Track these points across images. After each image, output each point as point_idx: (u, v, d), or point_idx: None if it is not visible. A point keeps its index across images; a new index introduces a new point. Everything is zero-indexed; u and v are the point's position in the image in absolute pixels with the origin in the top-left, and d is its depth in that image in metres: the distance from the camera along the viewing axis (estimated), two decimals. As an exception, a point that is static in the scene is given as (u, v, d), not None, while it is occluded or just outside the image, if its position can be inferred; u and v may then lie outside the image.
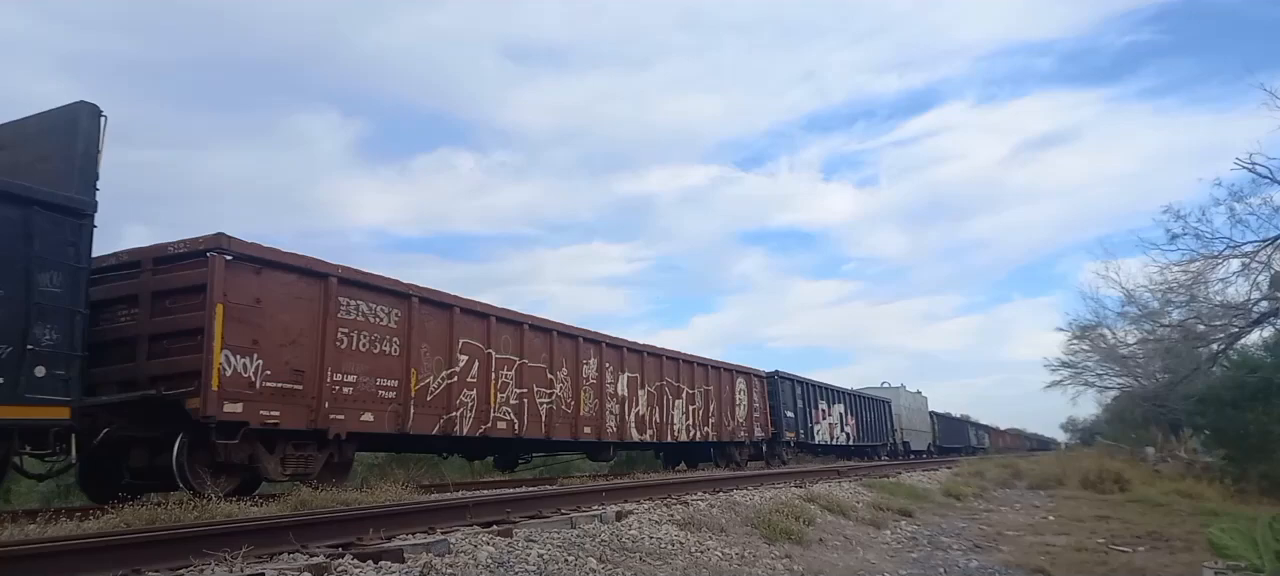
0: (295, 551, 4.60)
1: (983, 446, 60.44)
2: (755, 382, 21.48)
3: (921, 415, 42.01)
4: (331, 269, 9.14)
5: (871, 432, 30.66)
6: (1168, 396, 28.20)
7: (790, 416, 22.67)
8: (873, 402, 32.05)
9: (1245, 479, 18.04)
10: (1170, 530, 10.33)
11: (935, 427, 45.05)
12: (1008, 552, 8.53)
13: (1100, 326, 33.85)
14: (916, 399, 42.13)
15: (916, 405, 41.46)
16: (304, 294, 8.84)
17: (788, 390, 22.97)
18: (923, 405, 43.04)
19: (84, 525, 6.17)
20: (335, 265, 9.26)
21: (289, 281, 8.71)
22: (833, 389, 27.45)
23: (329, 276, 9.09)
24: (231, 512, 6.34)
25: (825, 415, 25.70)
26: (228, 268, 8.00)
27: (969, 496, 14.93)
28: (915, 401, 41.48)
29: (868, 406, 30.98)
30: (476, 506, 6.62)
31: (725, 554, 6.38)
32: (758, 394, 21.47)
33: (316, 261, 9.09)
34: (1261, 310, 19.27)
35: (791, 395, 23.23)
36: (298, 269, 8.83)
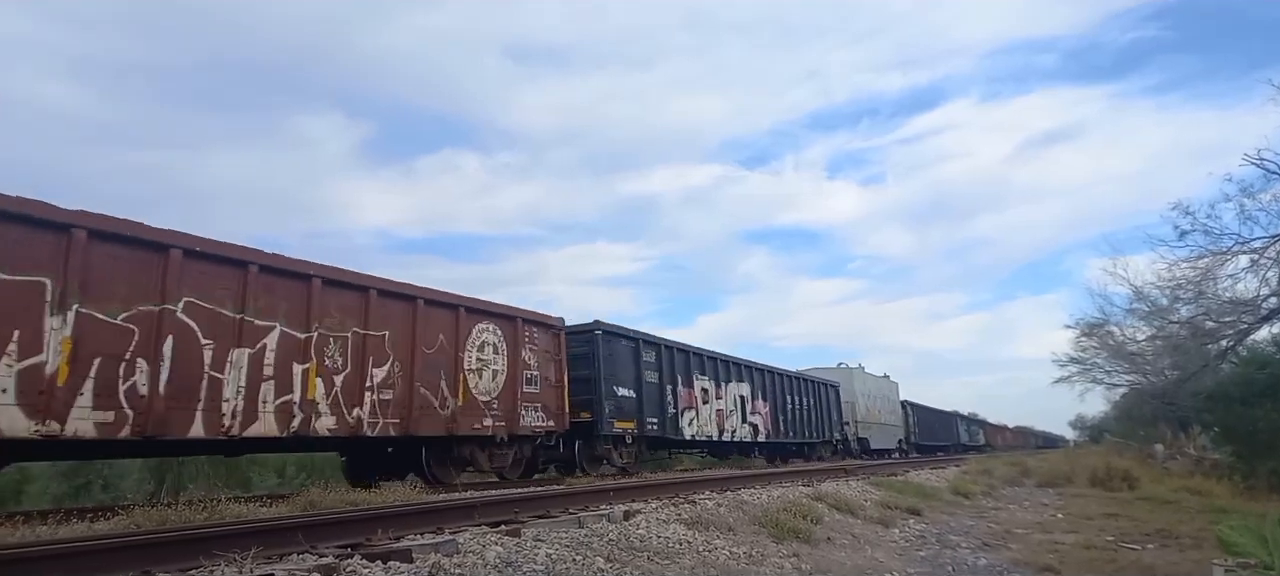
0: (304, 552, 4.62)
1: (976, 443, 56.01)
2: (532, 336, 13.10)
3: (888, 405, 35.33)
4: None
5: (803, 425, 24.03)
6: (1176, 393, 28.06)
7: (627, 397, 15.20)
8: (808, 385, 24.98)
9: (1255, 476, 17.93)
10: (1179, 527, 10.29)
11: (910, 421, 38.93)
12: (1016, 551, 8.51)
13: (1108, 323, 33.74)
14: (881, 384, 35.11)
15: (880, 392, 34.40)
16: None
17: (621, 354, 15.21)
18: (890, 392, 36.25)
19: (95, 526, 6.21)
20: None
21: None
22: (727, 361, 19.58)
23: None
24: (241, 513, 6.37)
25: (707, 398, 18.37)
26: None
27: (977, 494, 14.90)
28: (879, 387, 34.47)
29: (798, 389, 24.02)
30: (484, 506, 6.65)
31: (733, 553, 6.38)
32: (537, 355, 13.18)
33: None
34: (1271, 306, 19.17)
35: (632, 363, 15.48)
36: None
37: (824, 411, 26.17)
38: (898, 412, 36.92)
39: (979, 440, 58.51)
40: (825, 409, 26.36)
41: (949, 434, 48.19)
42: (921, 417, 41.55)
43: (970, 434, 56.28)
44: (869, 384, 33.07)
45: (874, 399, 33.22)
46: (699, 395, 18.10)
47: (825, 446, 25.98)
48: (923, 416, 42.03)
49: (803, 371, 25.23)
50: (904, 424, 37.76)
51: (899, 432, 36.33)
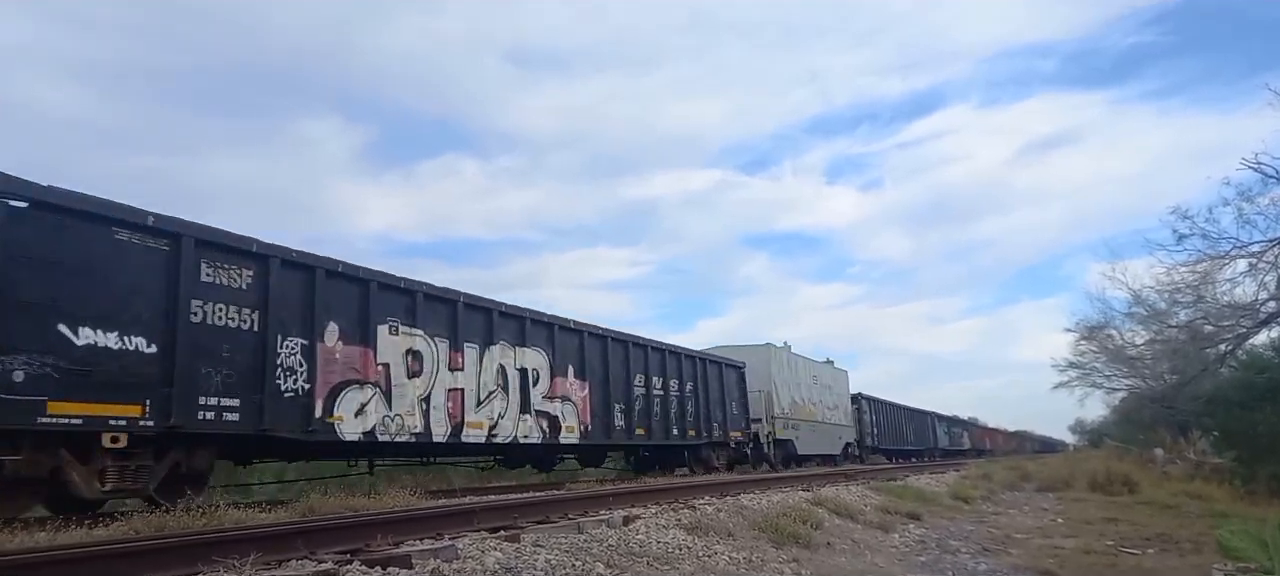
0: (304, 558, 4.61)
1: (959, 448, 50.35)
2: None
3: (829, 398, 27.91)
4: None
5: (670, 419, 16.57)
6: (1176, 397, 28.10)
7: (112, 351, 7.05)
8: (682, 364, 17.37)
9: (1255, 480, 17.93)
10: (1179, 532, 10.29)
11: (867, 420, 32.31)
12: (1016, 555, 8.50)
13: (1107, 327, 33.80)
14: (819, 372, 27.65)
15: (815, 380, 26.83)
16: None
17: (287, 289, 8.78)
18: (833, 382, 28.93)
19: (93, 532, 6.19)
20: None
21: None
22: (490, 310, 12.19)
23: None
24: (240, 519, 6.36)
25: (424, 368, 10.83)
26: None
27: (977, 499, 14.91)
28: (814, 375, 26.97)
29: (661, 368, 16.45)
30: (484, 511, 6.64)
31: (733, 558, 6.38)
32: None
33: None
34: (1269, 310, 19.19)
35: (305, 317, 9.06)
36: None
37: (712, 402, 18.36)
38: (844, 409, 29.48)
39: (962, 444, 52.66)
40: (715, 399, 18.58)
41: (923, 437, 41.76)
42: (884, 416, 34.82)
43: (952, 437, 50.04)
44: (798, 369, 25.37)
45: (805, 389, 25.37)
46: (394, 361, 10.26)
47: (716, 450, 18.66)
48: (885, 415, 35.04)
49: (674, 344, 17.50)
50: (857, 423, 30.94)
51: (847, 433, 29.27)
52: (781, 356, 24.34)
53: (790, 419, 23.66)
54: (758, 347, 23.15)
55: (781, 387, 23.34)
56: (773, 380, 22.77)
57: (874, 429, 33.22)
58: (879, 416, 34.35)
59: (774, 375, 22.99)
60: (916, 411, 42.00)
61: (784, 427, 23.01)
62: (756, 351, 22.80)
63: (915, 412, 41.65)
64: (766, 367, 22.77)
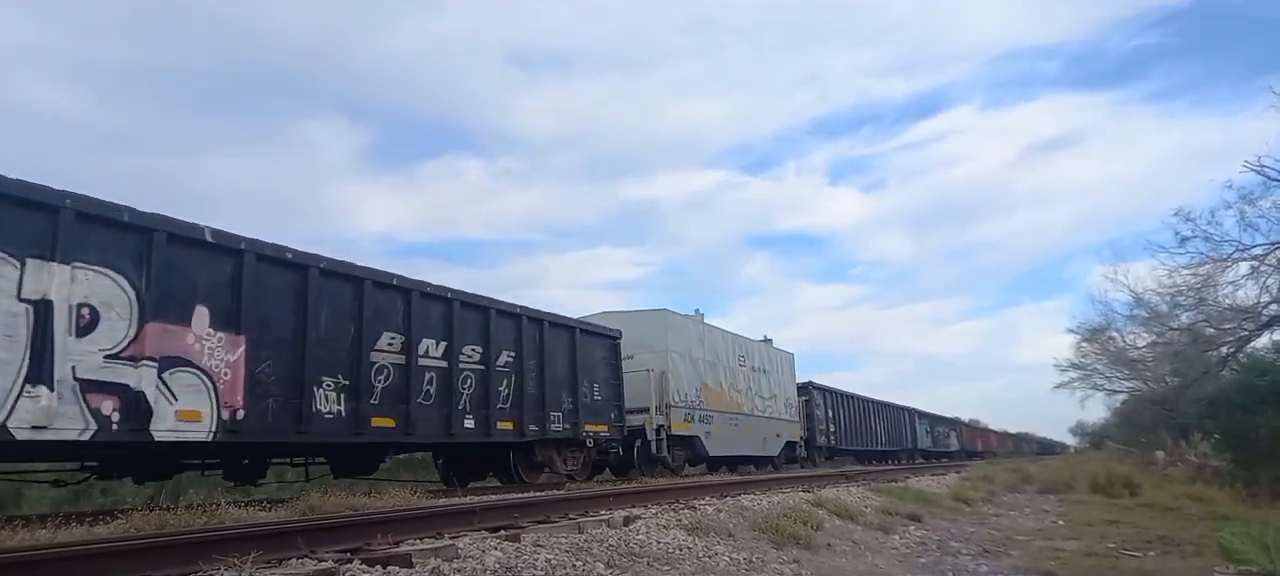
0: (304, 556, 4.60)
1: (945, 450, 45.88)
2: None
3: (766, 386, 22.56)
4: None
5: (454, 408, 11.48)
6: (1177, 400, 28.08)
7: None
8: (506, 326, 12.80)
9: (1256, 483, 17.91)
10: (1181, 534, 10.27)
11: (821, 415, 27.18)
12: (1017, 557, 8.49)
13: (1109, 329, 33.78)
14: (754, 351, 22.41)
15: (747, 362, 21.70)
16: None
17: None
18: (775, 367, 23.63)
19: (94, 530, 6.20)
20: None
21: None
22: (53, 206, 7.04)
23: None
24: (241, 517, 6.36)
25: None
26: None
27: (978, 501, 14.88)
28: (747, 354, 21.84)
29: (457, 330, 11.71)
30: (484, 511, 6.63)
31: (733, 559, 6.37)
32: None
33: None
34: (1271, 313, 19.18)
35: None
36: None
37: (553, 382, 13.48)
38: (786, 399, 24.10)
39: (948, 445, 47.58)
40: (559, 378, 13.76)
41: (898, 436, 36.97)
42: (845, 412, 29.82)
43: (936, 437, 44.88)
44: (714, 346, 19.81)
45: (724, 372, 20.03)
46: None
47: (562, 450, 14.01)
48: (846, 410, 30.08)
49: (475, 295, 12.27)
50: (806, 418, 25.96)
51: (790, 430, 23.96)
52: (685, 327, 18.67)
53: (697, 409, 18.13)
54: (648, 314, 18.13)
55: (684, 367, 18.02)
56: (669, 357, 17.36)
57: (830, 426, 28.03)
58: (837, 411, 29.04)
59: (672, 350, 17.52)
60: (888, 407, 36.44)
61: (687, 420, 17.53)
62: (646, 319, 17.86)
63: (887, 408, 36.12)
64: (660, 339, 17.42)
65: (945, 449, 46.30)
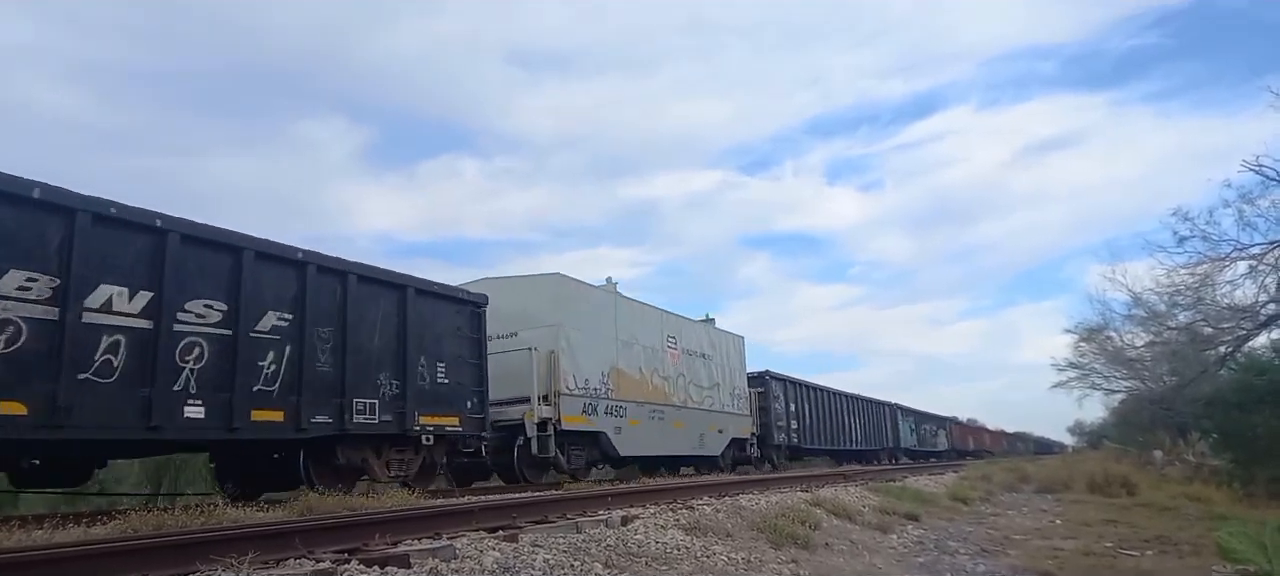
0: (301, 557, 4.60)
1: (933, 449, 43.51)
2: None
3: (705, 373, 19.18)
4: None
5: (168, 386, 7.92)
6: (1175, 399, 28.09)
7: None
8: (276, 275, 9.25)
9: (1253, 483, 17.93)
10: (1178, 534, 10.28)
11: (779, 408, 23.73)
12: (1015, 557, 8.50)
13: (1107, 329, 33.81)
14: (689, 332, 19.00)
15: (679, 344, 18.33)
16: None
17: None
18: (718, 351, 20.20)
19: (91, 531, 6.19)
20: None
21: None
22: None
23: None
24: (238, 518, 6.35)
25: None
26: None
27: (976, 500, 14.90)
28: (679, 334, 18.46)
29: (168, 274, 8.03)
30: (482, 511, 6.63)
31: (731, 559, 6.37)
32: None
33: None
34: (1269, 313, 19.19)
35: None
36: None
37: (364, 358, 10.32)
38: (734, 390, 20.62)
39: (936, 444, 44.96)
40: (378, 351, 10.59)
41: (877, 434, 33.76)
42: (811, 405, 26.61)
43: (922, 436, 42.04)
44: (631, 322, 16.42)
45: (646, 354, 16.64)
46: None
47: (390, 452, 10.83)
48: (813, 404, 26.83)
49: (224, 231, 8.80)
50: (761, 412, 22.61)
51: (737, 425, 20.48)
52: (586, 298, 15.23)
53: (603, 398, 14.78)
54: (537, 279, 14.83)
55: (584, 347, 14.50)
56: (563, 333, 13.88)
57: (793, 421, 24.62)
58: (801, 405, 25.69)
59: (567, 325, 14.07)
60: (865, 401, 33.15)
61: (586, 412, 14.22)
62: (534, 285, 14.56)
63: (865, 403, 32.91)
64: (551, 310, 14.07)
65: (933, 448, 43.64)
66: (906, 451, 38.04)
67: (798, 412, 25.41)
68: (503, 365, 13.16)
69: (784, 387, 24.68)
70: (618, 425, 15.20)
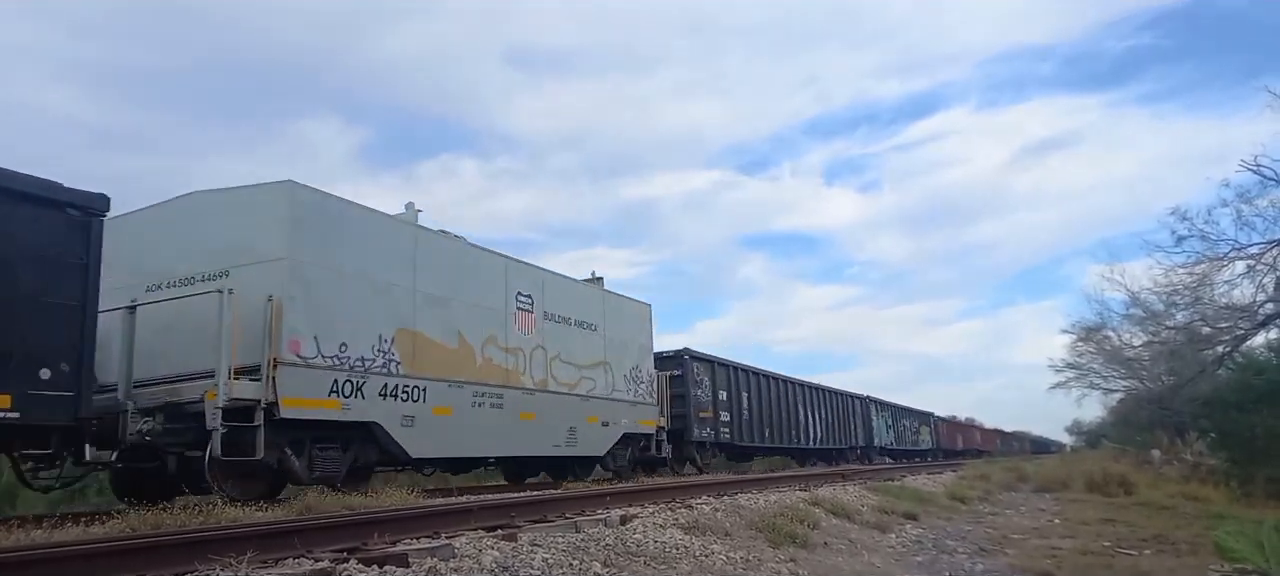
0: (300, 556, 4.60)
1: (916, 449, 40.01)
2: None
3: (583, 347, 14.73)
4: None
5: None
6: (1173, 399, 28.16)
7: None
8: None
9: (1251, 482, 17.98)
10: (1176, 533, 10.30)
11: (702, 396, 19.26)
12: (1013, 556, 8.51)
13: (1105, 329, 33.88)
14: (557, 288, 14.28)
15: (539, 304, 13.58)
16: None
17: None
18: (607, 319, 15.58)
19: (90, 530, 6.19)
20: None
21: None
22: None
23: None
24: (237, 517, 6.35)
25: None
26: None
27: (974, 499, 14.92)
28: (540, 292, 13.73)
29: None
30: (481, 510, 6.63)
31: (730, 558, 6.38)
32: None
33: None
34: (1267, 312, 19.23)
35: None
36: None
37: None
38: (631, 372, 16.03)
39: (919, 443, 41.22)
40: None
41: (843, 430, 29.42)
42: (752, 396, 21.96)
43: (900, 433, 37.71)
44: (441, 266, 11.80)
45: (464, 316, 11.94)
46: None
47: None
48: (755, 394, 22.18)
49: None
50: (674, 402, 17.90)
51: (635, 418, 15.96)
52: (350, 222, 10.37)
53: (380, 374, 10.31)
54: (259, 190, 9.81)
55: (343, 295, 10.01)
56: (297, 272, 9.43)
57: (724, 414, 20.06)
58: (738, 394, 21.02)
59: (307, 261, 9.61)
60: (831, 393, 28.82)
61: (343, 394, 9.74)
62: (253, 200, 9.79)
63: (828, 394, 28.43)
64: (278, 237, 9.44)
65: (914, 447, 39.82)
66: (883, 450, 34.13)
67: (733, 403, 20.74)
68: (185, 320, 9.06)
69: (712, 372, 20.03)
70: (408, 413, 10.58)
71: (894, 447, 36.25)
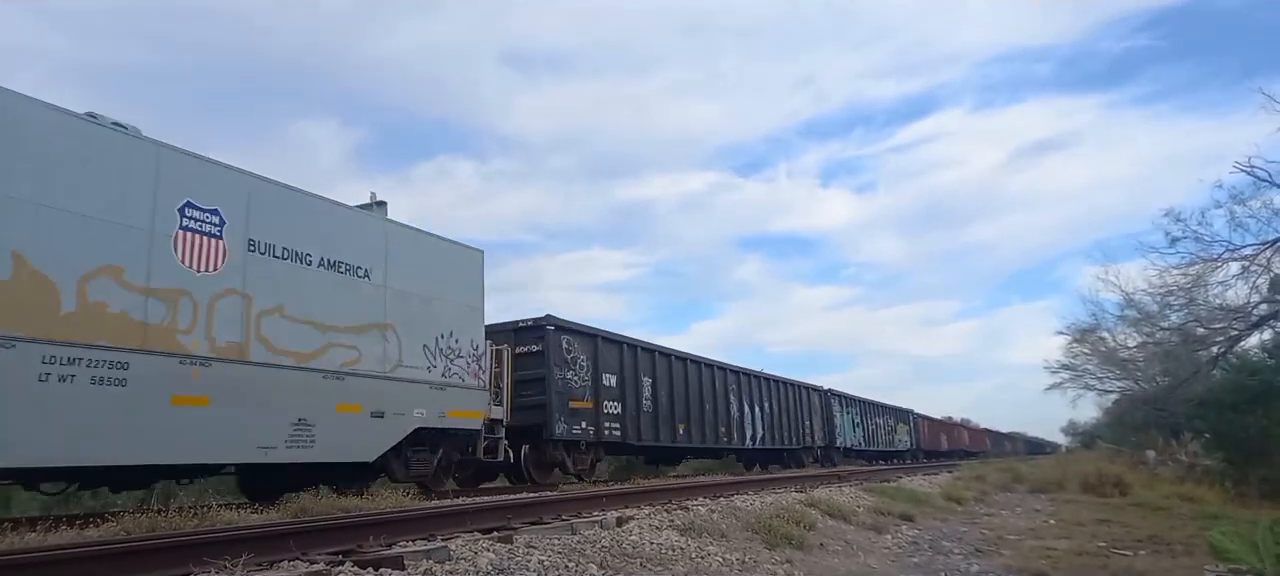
0: (295, 559, 4.59)
1: (891, 450, 35.54)
2: None
3: (341, 305, 9.87)
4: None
5: None
6: (1168, 399, 28.19)
7: None
8: None
9: (1245, 482, 18.02)
10: (1171, 534, 10.32)
11: (580, 380, 14.94)
12: (1009, 557, 8.52)
13: (1099, 329, 33.94)
14: (259, 206, 8.98)
15: (215, 221, 8.47)
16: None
17: None
18: (396, 262, 10.79)
19: (85, 532, 6.17)
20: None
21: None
22: None
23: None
24: (231, 520, 6.34)
25: None
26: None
27: (970, 500, 14.94)
28: (216, 198, 8.51)
29: None
30: (477, 513, 6.62)
31: (726, 559, 6.38)
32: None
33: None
34: (1261, 313, 19.27)
35: None
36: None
37: None
38: (438, 342, 11.45)
39: (896, 444, 36.86)
40: None
41: (792, 428, 24.65)
42: (663, 383, 17.77)
43: (870, 432, 32.75)
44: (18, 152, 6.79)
45: (53, 239, 7.08)
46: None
47: None
48: (666, 380, 17.96)
49: None
50: (517, 387, 13.78)
51: (442, 407, 11.29)
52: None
53: None
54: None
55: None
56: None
57: (612, 404, 15.80)
58: (633, 378, 16.68)
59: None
60: (779, 383, 24.16)
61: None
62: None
63: (773, 384, 23.66)
64: None
65: (889, 448, 35.25)
66: (850, 452, 29.80)
67: (627, 391, 16.33)
68: None
69: (593, 349, 15.57)
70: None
71: (863, 448, 31.44)
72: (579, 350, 15.27)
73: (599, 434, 15.32)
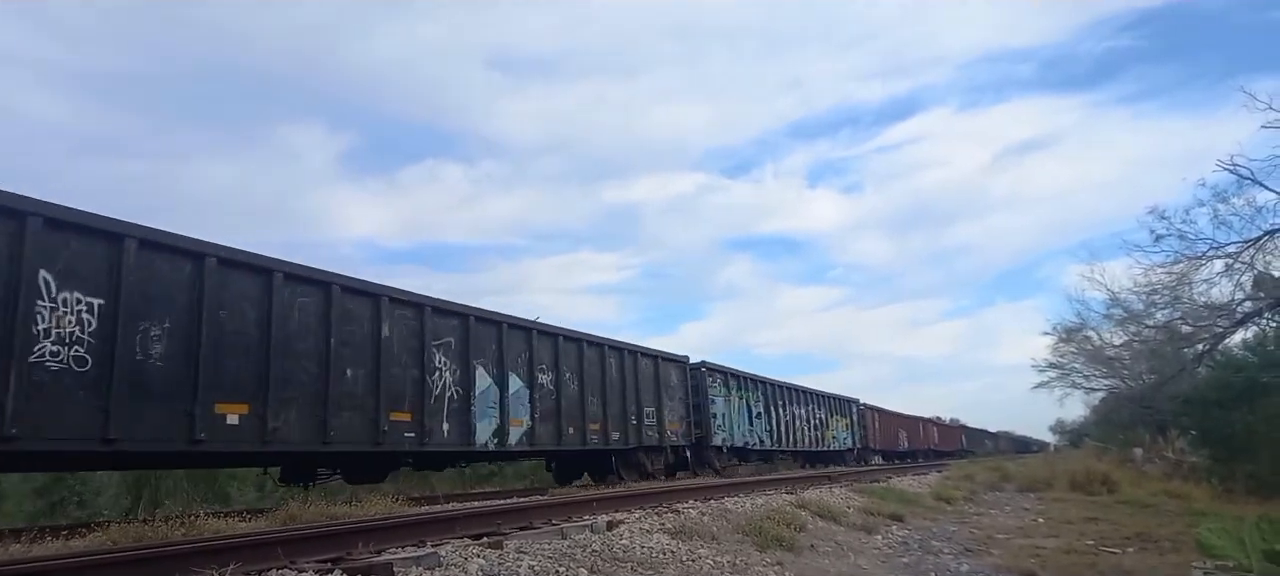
0: (283, 567, 4.56)
1: (824, 448, 27.51)
2: None
3: None
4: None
5: None
6: (1154, 397, 28.36)
7: None
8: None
9: (1232, 479, 18.16)
10: (1158, 531, 10.39)
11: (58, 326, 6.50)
12: (998, 556, 8.56)
13: (1085, 328, 34.12)
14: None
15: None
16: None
17: None
18: None
19: (71, 543, 6.12)
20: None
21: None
22: None
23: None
24: (219, 529, 6.29)
25: None
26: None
27: (959, 500, 15.00)
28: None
29: None
30: (467, 518, 6.60)
31: (717, 562, 6.37)
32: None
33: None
34: (1245, 310, 19.41)
35: None
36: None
37: None
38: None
39: (832, 442, 28.62)
40: None
41: (624, 419, 15.47)
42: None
43: (781, 427, 23.88)
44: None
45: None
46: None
47: None
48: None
49: None
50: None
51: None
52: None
53: None
54: None
55: None
56: None
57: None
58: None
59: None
60: (588, 342, 14.69)
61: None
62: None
63: (556, 341, 13.73)
64: None
65: (818, 448, 27.24)
66: (739, 451, 21.27)
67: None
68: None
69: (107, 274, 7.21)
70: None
71: (767, 447, 22.98)
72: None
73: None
